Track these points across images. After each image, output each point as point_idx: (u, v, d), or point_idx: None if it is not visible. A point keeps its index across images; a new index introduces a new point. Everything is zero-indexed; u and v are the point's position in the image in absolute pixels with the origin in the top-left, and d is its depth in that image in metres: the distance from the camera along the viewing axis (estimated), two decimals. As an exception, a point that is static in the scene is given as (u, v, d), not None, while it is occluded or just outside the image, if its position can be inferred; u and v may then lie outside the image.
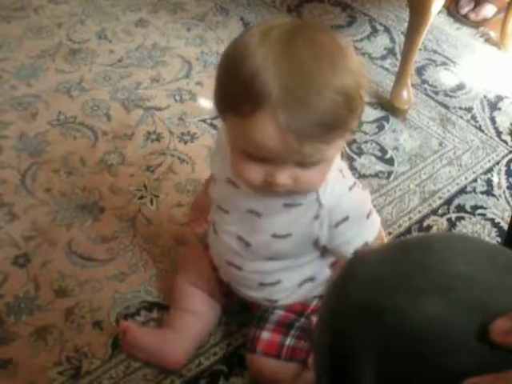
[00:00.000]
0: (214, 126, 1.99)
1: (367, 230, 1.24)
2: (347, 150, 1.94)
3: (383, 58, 2.34)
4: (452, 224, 1.77)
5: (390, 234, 1.73)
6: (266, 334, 1.35)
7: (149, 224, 1.70)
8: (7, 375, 1.40)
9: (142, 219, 1.72)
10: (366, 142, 1.99)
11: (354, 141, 1.97)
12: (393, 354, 0.71)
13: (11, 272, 1.58)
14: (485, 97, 2.22)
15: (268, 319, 1.36)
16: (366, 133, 2.01)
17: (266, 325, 1.36)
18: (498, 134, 2.08)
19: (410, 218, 1.78)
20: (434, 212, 1.80)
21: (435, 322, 0.70)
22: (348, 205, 1.18)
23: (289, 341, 1.34)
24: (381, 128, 2.04)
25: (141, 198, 1.77)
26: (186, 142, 1.94)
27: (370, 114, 2.08)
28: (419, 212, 1.81)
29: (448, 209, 1.82)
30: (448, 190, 1.87)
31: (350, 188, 1.19)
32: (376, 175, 1.89)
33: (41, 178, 1.81)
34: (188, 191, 1.79)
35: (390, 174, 1.90)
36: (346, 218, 1.18)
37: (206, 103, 2.07)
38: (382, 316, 0.72)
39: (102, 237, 1.66)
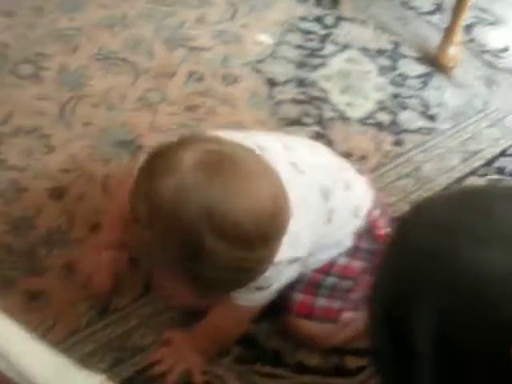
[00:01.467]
0: (257, 71, 1.96)
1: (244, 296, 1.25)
2: (390, 103, 1.90)
3: (432, 13, 2.28)
4: (492, 185, 1.74)
5: (429, 190, 1.71)
6: (297, 295, 1.35)
7: (187, 164, 1.67)
8: (37, 307, 1.41)
9: (181, 159, 1.69)
10: (409, 97, 1.95)
11: (398, 95, 1.94)
12: (453, 300, 0.69)
13: (46, 204, 1.57)
14: (532, 60, 2.17)
15: (298, 279, 1.34)
16: (410, 87, 1.97)
17: (296, 285, 1.35)
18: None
19: (449, 177, 1.76)
20: (474, 172, 1.77)
21: (498, 270, 0.68)
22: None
23: (320, 301, 1.34)
24: (425, 84, 2.00)
25: (180, 137, 1.75)
26: (228, 85, 1.91)
27: (415, 68, 2.04)
28: (459, 171, 1.78)
29: (488, 170, 1.79)
30: (489, 152, 1.84)
31: (290, 261, 1.22)
32: (418, 131, 1.86)
33: (80, 112, 1.79)
34: (229, 133, 1.77)
35: (432, 130, 1.87)
36: None
37: (250, 46, 2.04)
38: (445, 261, 0.71)
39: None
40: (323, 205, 1.26)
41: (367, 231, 1.35)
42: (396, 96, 1.95)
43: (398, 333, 0.75)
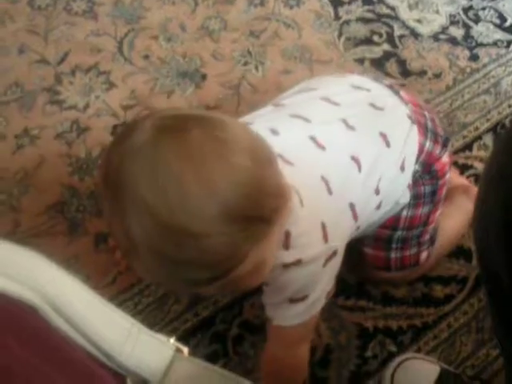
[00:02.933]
0: (320, -8, 1.87)
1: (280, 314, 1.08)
2: (463, 17, 1.80)
3: None
4: None
5: (510, 106, 1.62)
6: (369, 250, 1.29)
7: (254, 91, 1.63)
8: (107, 249, 1.38)
9: (247, 86, 1.65)
10: (483, 8, 1.84)
11: (471, 7, 1.83)
12: None
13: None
14: None
15: (365, 235, 1.26)
16: (483, -1, 1.87)
17: (365, 241, 1.28)
18: None
19: (531, 91, 1.66)
20: None
21: None
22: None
23: (393, 254, 1.27)
24: (499, -7, 1.89)
25: (245, 64, 1.69)
26: (291, 7, 1.83)
27: (488, -22, 1.93)
28: (541, 84, 1.68)
29: None
30: None
31: (287, 266, 1.02)
32: (494, 44, 1.76)
33: (139, 46, 1.74)
34: (295, 58, 1.71)
35: (509, 43, 1.77)
36: None
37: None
38: None
39: (205, 105, 1.60)
40: (360, 175, 1.11)
41: (425, 172, 1.21)
42: (469, 8, 1.84)
43: None
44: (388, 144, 1.13)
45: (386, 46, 1.74)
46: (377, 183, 1.12)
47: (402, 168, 1.16)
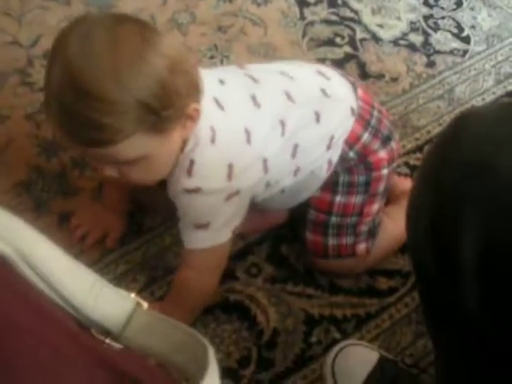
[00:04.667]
0: (288, -10, 1.93)
1: (187, 237, 1.22)
2: (423, 24, 1.87)
3: None
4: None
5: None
6: (309, 235, 1.37)
7: (220, 83, 1.66)
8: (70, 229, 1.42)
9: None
10: (442, 17, 1.91)
11: (431, 16, 1.90)
12: (501, 216, 0.68)
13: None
14: None
15: (307, 219, 1.36)
16: (443, 8, 1.93)
17: (306, 224, 1.36)
18: None
19: (483, 99, 1.74)
20: (509, 94, 1.75)
21: None
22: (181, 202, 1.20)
23: (330, 240, 1.35)
24: (459, 4, 1.95)
25: (211, 57, 1.74)
26: (259, 5, 1.87)
27: (449, -11, 2.00)
28: (493, 93, 1.76)
29: (522, 92, 1.76)
30: (524, 74, 1.81)
31: (188, 191, 1.16)
32: (451, 52, 1.83)
33: (109, 34, 1.77)
34: (259, 53, 1.76)
35: (465, 52, 1.84)
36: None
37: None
38: (496, 173, 0.69)
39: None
40: (282, 138, 1.24)
41: (360, 161, 1.31)
42: (429, 17, 1.91)
43: (443, 248, 0.73)
44: (318, 120, 1.25)
45: (347, 48, 1.80)
46: (294, 148, 1.24)
47: (328, 145, 1.27)
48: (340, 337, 1.34)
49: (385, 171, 1.34)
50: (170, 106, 1.04)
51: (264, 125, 1.21)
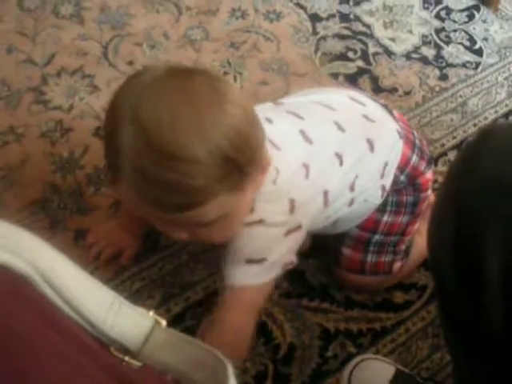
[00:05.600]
0: (300, 6, 1.94)
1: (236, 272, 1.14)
2: (435, 37, 1.88)
3: None
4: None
5: (475, 125, 1.69)
6: (346, 251, 1.35)
7: (232, 101, 1.67)
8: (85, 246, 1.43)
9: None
10: (454, 30, 1.92)
11: (443, 29, 1.91)
12: None
13: (92, 143, 1.58)
14: None
15: (345, 234, 1.34)
16: (455, 21, 1.94)
17: (344, 240, 1.35)
18: None
19: (496, 112, 1.74)
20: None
21: None
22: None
23: (369, 257, 1.34)
24: (471, 17, 1.96)
25: (224, 74, 1.75)
26: (271, 21, 1.89)
27: (461, 1, 2.00)
28: (506, 106, 1.76)
29: (536, 104, 1.76)
30: (537, 86, 1.81)
31: (249, 224, 1.10)
32: (463, 65, 1.84)
33: (123, 51, 1.79)
34: (273, 70, 1.77)
35: (478, 64, 1.84)
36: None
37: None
38: None
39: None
40: (341, 169, 1.20)
41: (409, 184, 1.30)
42: (441, 30, 1.91)
43: (467, 262, 0.73)
44: (372, 149, 1.22)
45: (360, 63, 1.81)
46: (353, 180, 1.21)
47: (382, 173, 1.25)
48: (356, 351, 1.34)
49: (430, 192, 1.35)
50: (252, 160, 0.98)
51: (320, 158, 1.17)
